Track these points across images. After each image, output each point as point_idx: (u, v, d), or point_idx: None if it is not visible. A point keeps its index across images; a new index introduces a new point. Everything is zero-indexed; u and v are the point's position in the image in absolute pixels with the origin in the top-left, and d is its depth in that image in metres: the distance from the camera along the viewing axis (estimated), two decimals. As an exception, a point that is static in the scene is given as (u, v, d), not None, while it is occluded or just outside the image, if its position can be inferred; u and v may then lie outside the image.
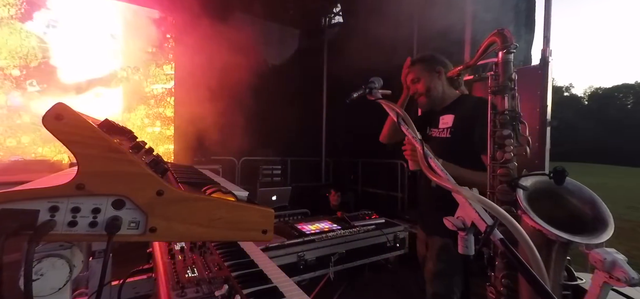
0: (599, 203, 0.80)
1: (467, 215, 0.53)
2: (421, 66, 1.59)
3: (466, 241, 0.54)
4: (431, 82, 1.55)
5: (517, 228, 0.50)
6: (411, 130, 0.75)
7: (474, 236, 0.55)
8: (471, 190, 0.55)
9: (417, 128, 1.26)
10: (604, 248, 0.53)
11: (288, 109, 4.49)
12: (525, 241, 0.50)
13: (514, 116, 0.88)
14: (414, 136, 0.72)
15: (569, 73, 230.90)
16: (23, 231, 0.45)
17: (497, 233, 0.49)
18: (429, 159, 0.65)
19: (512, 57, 0.90)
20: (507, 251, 0.47)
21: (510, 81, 0.89)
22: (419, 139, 0.69)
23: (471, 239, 0.54)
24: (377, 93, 1.01)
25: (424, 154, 0.66)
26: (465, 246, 0.55)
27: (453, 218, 0.56)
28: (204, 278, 0.98)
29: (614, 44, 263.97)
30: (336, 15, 5.17)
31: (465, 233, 0.54)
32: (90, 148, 0.49)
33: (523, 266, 0.45)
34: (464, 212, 0.54)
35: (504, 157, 0.88)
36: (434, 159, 0.65)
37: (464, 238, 0.54)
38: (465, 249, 0.55)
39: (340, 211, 2.58)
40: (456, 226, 0.55)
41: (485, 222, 0.50)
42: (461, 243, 0.55)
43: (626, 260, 0.49)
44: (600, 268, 0.50)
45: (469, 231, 0.54)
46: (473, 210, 0.52)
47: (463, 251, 0.55)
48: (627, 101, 48.19)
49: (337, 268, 2.17)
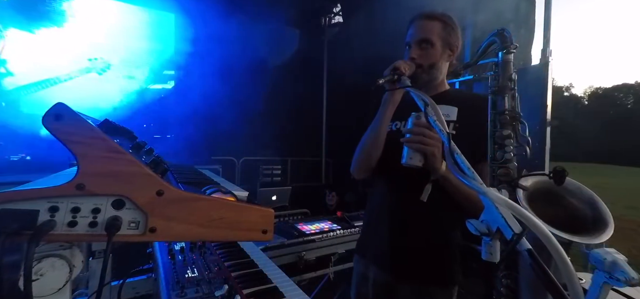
0: (599, 203, 0.80)
1: (493, 220, 0.49)
2: (441, 28, 1.11)
3: (491, 248, 0.50)
4: (441, 59, 1.12)
5: (550, 240, 0.45)
6: (439, 122, 0.67)
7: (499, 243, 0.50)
8: (500, 192, 0.51)
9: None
10: (604, 248, 0.53)
11: (288, 109, 4.49)
12: (559, 255, 0.44)
13: (514, 116, 0.88)
14: (442, 128, 0.65)
15: (569, 73, 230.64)
16: (23, 231, 0.45)
17: (525, 243, 0.45)
18: (456, 155, 0.59)
19: (512, 57, 0.89)
20: (534, 264, 0.43)
21: (510, 81, 0.89)
22: (446, 133, 0.63)
23: (497, 245, 0.50)
24: (406, 80, 0.94)
25: (451, 149, 0.59)
26: (489, 253, 0.51)
27: (477, 221, 0.52)
28: (204, 278, 0.98)
29: (614, 44, 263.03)
30: (336, 15, 5.17)
31: (490, 239, 0.50)
32: (90, 148, 0.49)
33: (552, 283, 0.41)
34: (490, 216, 0.50)
35: (504, 157, 0.88)
36: (463, 157, 0.58)
37: (489, 244, 0.50)
38: (490, 256, 0.51)
39: (340, 211, 2.59)
40: (480, 231, 0.51)
41: (513, 230, 0.46)
42: (485, 249, 0.51)
43: (626, 260, 0.49)
44: (600, 268, 0.50)
45: (494, 237, 0.50)
46: (500, 215, 0.48)
47: (487, 258, 0.51)
48: (627, 101, 48.21)
49: (337, 267, 2.17)
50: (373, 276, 1.17)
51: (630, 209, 9.21)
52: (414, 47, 1.10)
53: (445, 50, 1.13)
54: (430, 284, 1.08)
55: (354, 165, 1.20)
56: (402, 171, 0.97)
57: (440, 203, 1.03)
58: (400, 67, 0.96)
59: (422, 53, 1.09)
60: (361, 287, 1.21)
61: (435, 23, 1.11)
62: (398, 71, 0.95)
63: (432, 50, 1.09)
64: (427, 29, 1.10)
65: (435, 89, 1.17)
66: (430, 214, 1.06)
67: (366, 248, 1.22)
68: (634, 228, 6.96)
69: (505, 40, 0.89)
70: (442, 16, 1.13)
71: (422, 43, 1.10)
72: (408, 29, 1.15)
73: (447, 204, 1.04)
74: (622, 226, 6.83)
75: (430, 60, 1.10)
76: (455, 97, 1.15)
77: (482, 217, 0.51)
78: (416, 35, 1.11)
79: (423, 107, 0.71)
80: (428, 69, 1.10)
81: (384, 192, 1.17)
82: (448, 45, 1.13)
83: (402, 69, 0.95)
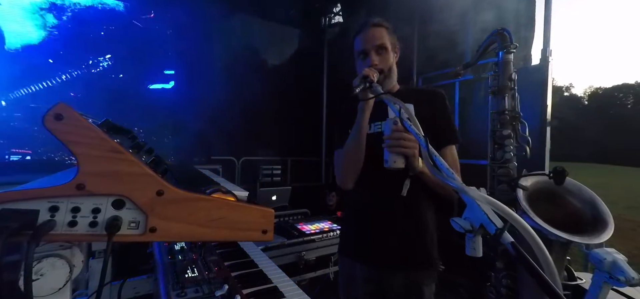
0: (599, 203, 0.80)
1: (475, 217, 0.51)
2: (388, 34, 1.18)
3: (474, 243, 0.53)
4: (393, 61, 1.20)
5: (529, 231, 0.48)
6: (415, 126, 0.73)
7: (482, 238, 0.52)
8: (479, 190, 0.53)
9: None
10: (604, 248, 0.53)
11: (288, 109, 4.49)
12: (537, 244, 0.48)
13: (514, 116, 0.88)
14: (418, 131, 0.70)
15: (569, 73, 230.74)
16: (23, 231, 0.45)
17: (508, 236, 0.47)
18: (435, 157, 0.62)
19: (512, 57, 0.90)
20: (518, 255, 0.46)
21: (510, 80, 0.89)
22: (423, 136, 0.67)
23: (479, 241, 0.52)
24: (377, 87, 0.97)
25: (430, 151, 0.63)
26: (472, 248, 0.53)
27: (460, 219, 0.53)
28: (204, 278, 0.98)
29: (614, 44, 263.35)
30: (336, 15, 5.17)
31: (474, 235, 0.52)
32: (90, 148, 0.49)
33: (535, 270, 0.44)
34: (472, 213, 0.52)
35: (504, 157, 0.88)
36: (441, 158, 0.62)
37: (472, 239, 0.53)
38: (473, 251, 0.53)
39: (340, 211, 2.59)
40: (464, 228, 0.53)
41: (495, 224, 0.49)
42: (468, 244, 0.53)
43: (626, 260, 0.49)
44: (600, 268, 0.50)
45: (477, 233, 0.52)
46: (481, 212, 0.51)
47: (470, 253, 0.53)
48: (627, 101, 48.21)
49: (337, 268, 2.17)
50: (360, 273, 1.18)
51: (630, 209, 9.21)
52: (373, 54, 1.15)
53: (394, 52, 1.21)
54: (417, 269, 1.13)
55: (341, 176, 1.21)
56: (381, 171, 1.01)
57: (417, 193, 1.12)
58: (370, 74, 0.99)
59: (381, 58, 1.15)
60: (349, 288, 1.22)
61: (382, 29, 1.18)
62: (368, 79, 0.98)
63: (387, 54, 1.17)
64: (380, 35, 1.16)
65: (392, 90, 1.22)
66: (410, 205, 1.13)
67: (350, 248, 1.24)
68: (634, 227, 6.96)
69: (505, 40, 0.89)
70: (386, 23, 1.20)
71: (379, 49, 1.16)
72: (356, 38, 1.21)
73: (423, 194, 1.14)
74: (622, 226, 6.83)
75: (388, 64, 1.17)
76: (409, 94, 1.20)
77: (464, 215, 0.53)
78: (372, 42, 1.16)
79: (397, 112, 0.76)
80: (388, 72, 1.16)
81: (365, 192, 1.20)
82: (394, 48, 1.21)
83: (372, 77, 0.99)
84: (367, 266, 1.17)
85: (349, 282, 1.22)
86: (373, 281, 1.15)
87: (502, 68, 0.91)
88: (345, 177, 1.20)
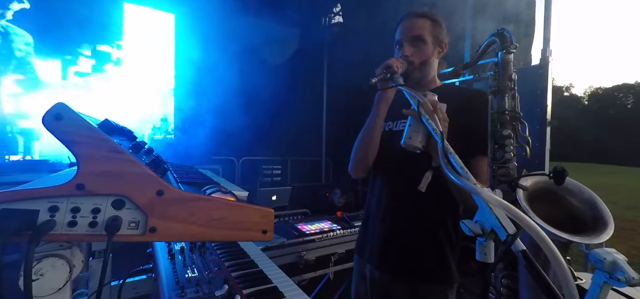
0: (599, 203, 0.80)
1: (487, 220, 0.48)
2: (431, 26, 1.12)
3: (485, 248, 0.50)
4: (432, 55, 1.13)
5: (545, 240, 0.44)
6: (433, 121, 0.68)
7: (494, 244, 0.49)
8: (493, 193, 0.50)
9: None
10: (604, 248, 0.53)
11: (288, 108, 4.49)
12: (554, 256, 0.43)
13: (514, 116, 0.88)
14: (435, 127, 0.66)
15: (569, 73, 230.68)
16: (23, 231, 0.45)
17: (520, 244, 0.44)
18: (450, 154, 0.58)
19: (512, 57, 0.89)
20: (529, 265, 0.42)
21: (510, 81, 0.89)
22: (440, 132, 0.63)
23: (491, 245, 0.49)
24: (398, 78, 0.89)
25: (444, 149, 0.59)
26: (483, 253, 0.50)
27: (470, 222, 0.51)
28: (204, 278, 0.98)
29: (614, 44, 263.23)
30: (336, 15, 5.17)
31: (485, 239, 0.49)
32: (90, 148, 0.49)
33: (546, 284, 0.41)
34: (484, 217, 0.49)
35: (504, 157, 0.87)
36: (456, 156, 0.58)
37: (483, 244, 0.50)
38: (484, 257, 0.50)
39: (340, 211, 2.59)
40: (474, 231, 0.50)
41: (506, 230, 0.45)
42: (479, 249, 0.50)
43: (626, 260, 0.49)
44: (600, 268, 0.50)
45: (488, 238, 0.49)
46: (493, 215, 0.47)
47: (481, 258, 0.50)
48: (627, 101, 48.20)
49: (337, 267, 2.17)
50: (369, 275, 1.16)
51: (630, 209, 9.21)
52: (406, 45, 1.10)
53: (436, 47, 1.14)
54: (425, 283, 1.07)
55: (352, 165, 1.20)
56: (397, 171, 0.97)
57: (435, 201, 1.03)
58: (393, 65, 0.95)
59: (415, 50, 1.10)
60: (359, 287, 1.21)
61: (425, 21, 1.11)
62: (391, 69, 0.94)
63: (424, 47, 1.10)
64: (418, 26, 1.10)
65: (427, 86, 1.17)
66: (425, 212, 1.06)
67: (363, 247, 1.22)
68: (634, 227, 6.96)
69: (505, 40, 0.89)
70: (430, 14, 1.14)
71: (414, 41, 1.10)
72: (397, 28, 1.16)
73: (442, 201, 1.04)
74: (622, 226, 6.83)
75: (422, 58, 1.10)
76: (446, 94, 1.06)
77: (476, 217, 0.51)
78: (408, 33, 1.11)
79: (415, 106, 0.71)
80: (420, 66, 1.11)
81: (379, 191, 1.16)
82: (438, 43, 1.14)
83: (395, 67, 0.95)
84: (376, 269, 1.14)
85: (360, 281, 1.21)
86: (380, 286, 1.12)
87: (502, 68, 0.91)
88: (354, 168, 1.19)
